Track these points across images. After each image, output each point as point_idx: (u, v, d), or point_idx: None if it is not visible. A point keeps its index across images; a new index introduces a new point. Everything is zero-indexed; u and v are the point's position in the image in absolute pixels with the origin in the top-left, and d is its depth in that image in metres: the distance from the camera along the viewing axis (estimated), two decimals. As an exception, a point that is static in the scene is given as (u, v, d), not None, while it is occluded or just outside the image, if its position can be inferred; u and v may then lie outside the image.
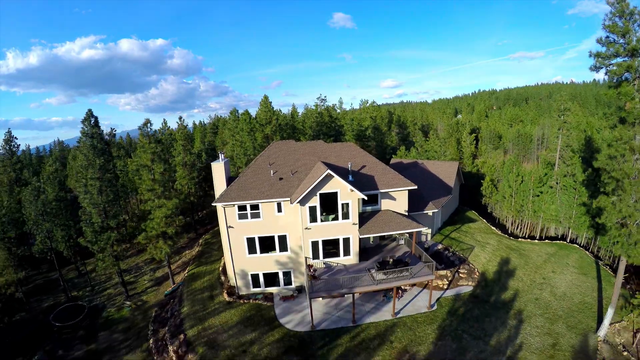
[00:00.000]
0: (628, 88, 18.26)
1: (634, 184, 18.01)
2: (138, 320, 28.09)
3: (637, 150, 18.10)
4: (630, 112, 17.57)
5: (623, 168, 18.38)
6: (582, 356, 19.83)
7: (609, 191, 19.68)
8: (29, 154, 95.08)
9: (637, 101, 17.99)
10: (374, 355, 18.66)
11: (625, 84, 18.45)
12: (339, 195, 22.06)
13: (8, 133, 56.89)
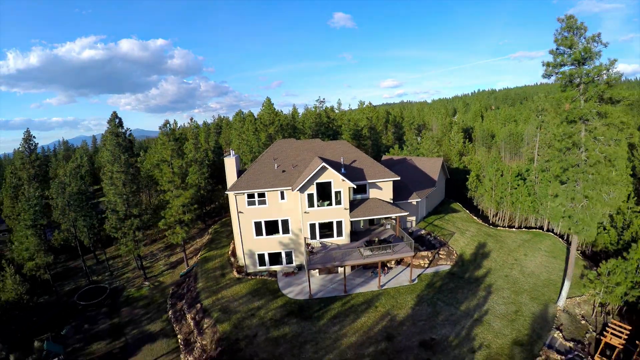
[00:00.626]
0: (572, 92, 21.99)
1: (578, 171, 21.71)
2: (157, 297, 31.88)
3: (580, 144, 21.82)
4: (570, 112, 21.26)
5: (568, 159, 22.09)
6: (541, 321, 23.43)
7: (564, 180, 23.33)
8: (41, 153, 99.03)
9: (577, 103, 21.70)
10: (361, 317, 22.38)
11: (569, 89, 22.17)
12: (332, 185, 25.83)
13: (27, 132, 60.81)
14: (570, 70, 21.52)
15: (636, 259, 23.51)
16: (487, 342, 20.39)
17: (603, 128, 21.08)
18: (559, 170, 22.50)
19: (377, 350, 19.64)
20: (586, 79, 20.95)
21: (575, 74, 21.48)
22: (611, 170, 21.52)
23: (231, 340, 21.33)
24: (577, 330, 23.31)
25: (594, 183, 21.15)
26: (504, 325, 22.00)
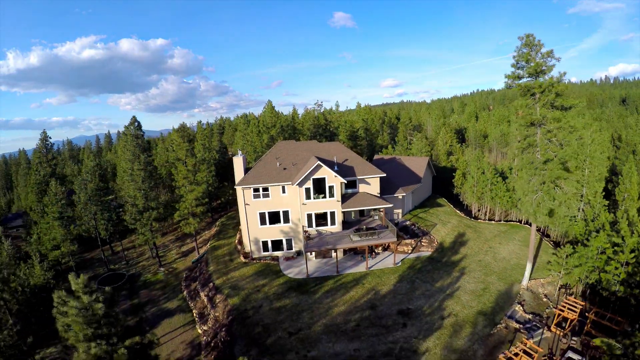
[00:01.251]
0: (528, 100, 26.01)
1: (532, 167, 25.73)
2: (172, 281, 35.96)
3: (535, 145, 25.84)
4: (524, 117, 25.29)
5: (525, 158, 26.12)
6: (505, 297, 27.43)
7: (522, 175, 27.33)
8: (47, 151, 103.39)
9: (532, 109, 25.68)
10: (350, 291, 26.45)
11: (525, 97, 26.19)
12: (326, 180, 29.89)
13: (43, 133, 65.02)
14: (526, 82, 25.56)
15: (595, 246, 27.45)
16: (455, 312, 24.41)
17: (555, 131, 25.10)
18: (519, 167, 26.57)
19: (362, 317, 23.69)
20: (538, 89, 24.97)
21: (530, 86, 25.52)
22: (560, 167, 25.45)
23: (240, 310, 25.39)
24: (538, 306, 27.31)
25: (545, 178, 25.18)
26: (472, 299, 26.03)
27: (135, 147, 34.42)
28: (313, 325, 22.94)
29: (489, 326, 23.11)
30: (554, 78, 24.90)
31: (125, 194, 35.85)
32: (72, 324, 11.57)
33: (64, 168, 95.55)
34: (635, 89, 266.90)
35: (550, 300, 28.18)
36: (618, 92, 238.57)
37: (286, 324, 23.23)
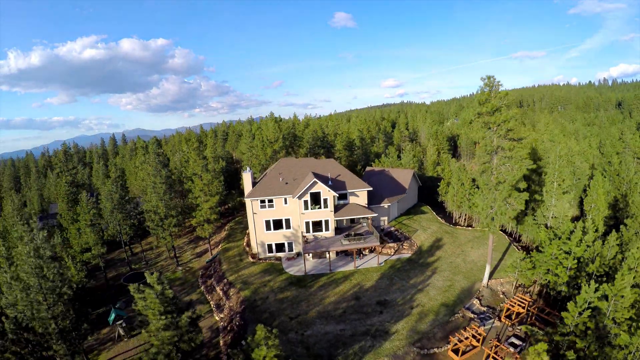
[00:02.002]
0: (486, 133, 32.21)
1: (488, 187, 31.96)
2: (189, 278, 42.31)
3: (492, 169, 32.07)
4: (482, 147, 31.54)
5: (482, 179, 32.38)
6: (467, 292, 33.60)
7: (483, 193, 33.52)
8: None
9: (490, 140, 31.86)
10: (340, 285, 32.80)
11: (484, 130, 32.38)
12: (321, 194, 36.24)
13: (64, 145, 71.64)
14: (486, 118, 31.78)
15: (549, 252, 33.53)
16: (423, 303, 30.69)
17: (506, 159, 31.32)
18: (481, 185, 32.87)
19: (348, 306, 30.03)
20: (494, 125, 31.23)
21: (488, 121, 31.78)
22: (511, 188, 31.60)
23: (250, 301, 31.76)
24: (494, 301, 33.46)
25: (497, 197, 31.42)
26: (438, 294, 32.31)
27: (157, 164, 40.76)
28: (309, 312, 29.29)
29: (448, 315, 29.38)
30: (508, 115, 31.25)
31: (148, 204, 42.05)
32: (150, 305, 17.85)
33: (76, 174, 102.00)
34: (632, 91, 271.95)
35: (507, 297, 34.28)
36: (614, 95, 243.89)
37: (288, 311, 29.59)
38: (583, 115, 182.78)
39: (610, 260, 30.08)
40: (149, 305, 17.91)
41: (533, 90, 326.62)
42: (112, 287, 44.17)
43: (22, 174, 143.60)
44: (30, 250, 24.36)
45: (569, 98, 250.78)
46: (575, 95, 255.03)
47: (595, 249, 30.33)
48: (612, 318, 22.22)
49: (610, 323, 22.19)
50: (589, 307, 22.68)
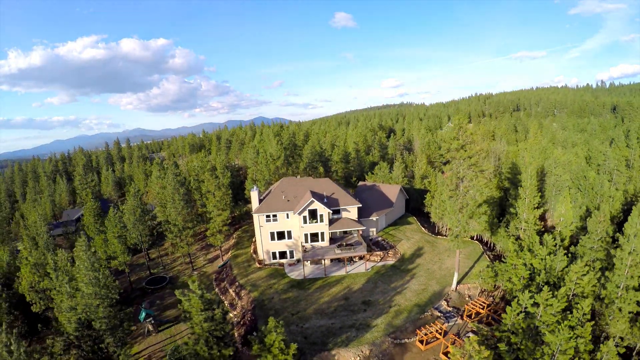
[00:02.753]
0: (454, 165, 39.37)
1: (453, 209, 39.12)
2: (204, 281, 49.55)
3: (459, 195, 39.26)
4: (450, 176, 38.74)
5: (450, 202, 39.55)
6: (437, 295, 40.59)
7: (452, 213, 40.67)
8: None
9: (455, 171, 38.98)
10: (332, 288, 40.13)
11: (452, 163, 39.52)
12: (318, 210, 43.55)
13: (86, 163, 78.87)
14: (454, 153, 38.87)
15: (510, 263, 40.55)
16: (399, 304, 37.93)
17: (469, 187, 38.51)
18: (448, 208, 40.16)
19: (339, 304, 37.34)
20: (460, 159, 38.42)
21: (455, 156, 38.91)
22: (473, 212, 38.64)
23: (259, 300, 39.07)
24: (460, 303, 40.48)
25: (461, 218, 38.55)
26: (413, 296, 39.54)
27: (175, 183, 48.03)
28: (307, 309, 36.62)
29: (419, 313, 36.61)
30: (473, 151, 38.45)
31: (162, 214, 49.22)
32: (193, 304, 25.06)
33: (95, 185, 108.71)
34: (628, 95, 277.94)
35: (472, 300, 41.51)
36: (610, 99, 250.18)
37: (290, 309, 36.91)
38: (576, 120, 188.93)
39: (559, 272, 36.88)
40: (192, 304, 25.12)
41: (530, 93, 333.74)
42: (135, 290, 51.48)
43: (30, 179, 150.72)
44: (89, 265, 31.66)
45: (565, 102, 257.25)
46: (571, 99, 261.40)
47: (546, 262, 37.30)
48: (542, 321, 29.25)
49: (540, 324, 29.25)
50: (523, 311, 29.80)
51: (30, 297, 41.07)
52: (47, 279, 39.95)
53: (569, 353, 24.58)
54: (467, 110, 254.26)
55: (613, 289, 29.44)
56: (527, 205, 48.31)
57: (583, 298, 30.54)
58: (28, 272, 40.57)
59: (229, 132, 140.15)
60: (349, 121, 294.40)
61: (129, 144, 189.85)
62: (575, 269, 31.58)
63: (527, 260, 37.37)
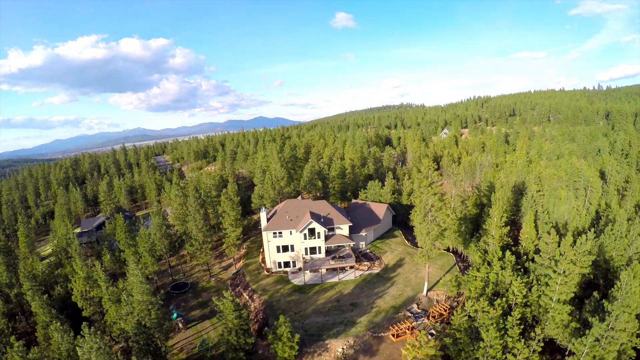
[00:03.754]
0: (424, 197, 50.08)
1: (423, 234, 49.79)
2: (221, 286, 60.38)
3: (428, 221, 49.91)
4: (420, 207, 49.37)
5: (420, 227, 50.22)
6: (411, 299, 51.32)
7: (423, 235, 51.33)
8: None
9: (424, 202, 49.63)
10: (327, 292, 50.97)
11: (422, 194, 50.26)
12: (316, 229, 54.37)
13: (108, 185, 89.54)
14: (424, 189, 49.46)
15: (471, 274, 51.05)
16: (379, 306, 48.68)
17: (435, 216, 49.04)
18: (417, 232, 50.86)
19: (332, 305, 48.16)
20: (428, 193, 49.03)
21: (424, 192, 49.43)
22: (437, 235, 49.09)
23: (269, 302, 49.89)
24: (428, 306, 50.85)
25: (428, 240, 49.10)
26: (391, 299, 50.30)
27: (197, 205, 58.82)
28: (307, 309, 47.46)
29: (394, 313, 47.37)
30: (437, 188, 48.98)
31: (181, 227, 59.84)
32: (227, 306, 35.78)
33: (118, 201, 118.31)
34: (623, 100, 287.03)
35: (439, 304, 52.18)
36: (604, 105, 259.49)
37: (293, 309, 47.74)
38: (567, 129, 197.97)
39: (507, 284, 47.21)
40: (226, 307, 35.79)
41: (527, 96, 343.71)
42: (161, 295, 62.28)
43: (41, 185, 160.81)
44: (142, 278, 42.37)
45: (560, 107, 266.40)
46: (566, 104, 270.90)
47: (498, 276, 47.69)
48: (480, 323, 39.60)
49: (479, 325, 39.68)
50: (467, 315, 40.32)
51: (82, 304, 51.53)
52: (96, 289, 50.50)
53: (496, 348, 34.97)
54: (463, 115, 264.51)
55: (547, 301, 39.67)
56: (495, 223, 58.31)
57: (525, 307, 41.23)
58: (80, 284, 51.09)
59: (233, 143, 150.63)
60: (349, 125, 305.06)
61: (135, 151, 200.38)
62: (516, 284, 42.13)
63: (484, 273, 47.93)
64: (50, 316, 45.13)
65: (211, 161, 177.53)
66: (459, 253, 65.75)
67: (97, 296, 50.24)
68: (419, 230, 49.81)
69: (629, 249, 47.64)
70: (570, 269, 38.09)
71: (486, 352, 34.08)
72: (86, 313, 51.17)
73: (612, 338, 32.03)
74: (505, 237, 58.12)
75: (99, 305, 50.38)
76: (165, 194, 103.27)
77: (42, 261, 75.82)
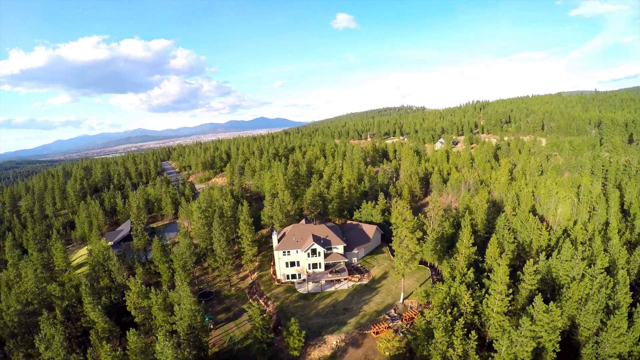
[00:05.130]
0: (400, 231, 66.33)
1: (398, 258, 65.97)
2: (240, 294, 76.78)
3: (402, 246, 66.11)
4: (397, 238, 65.64)
5: (397, 252, 66.47)
6: (390, 305, 67.46)
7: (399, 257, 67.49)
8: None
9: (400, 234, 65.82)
10: (326, 299, 67.35)
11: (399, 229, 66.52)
12: (317, 249, 70.76)
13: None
14: (400, 222, 65.70)
15: (438, 288, 67.11)
16: (365, 310, 64.98)
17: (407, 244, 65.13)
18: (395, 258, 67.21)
19: (329, 310, 64.52)
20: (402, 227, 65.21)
21: (399, 225, 65.69)
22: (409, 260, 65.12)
23: (280, 307, 66.29)
24: (403, 311, 67.45)
25: (402, 262, 65.15)
26: (374, 305, 66.57)
27: (220, 230, 75.10)
28: (310, 312, 63.84)
29: (376, 316, 63.64)
30: (416, 223, 65.22)
31: (214, 251, 76.26)
32: (254, 311, 51.97)
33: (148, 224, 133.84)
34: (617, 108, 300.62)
35: (411, 310, 68.45)
36: (596, 114, 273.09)
37: (299, 312, 64.10)
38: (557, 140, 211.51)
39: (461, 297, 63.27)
40: (254, 312, 52.00)
41: (525, 101, 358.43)
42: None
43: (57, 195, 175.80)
44: (189, 291, 58.59)
45: (555, 114, 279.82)
46: (560, 112, 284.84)
47: (456, 289, 63.76)
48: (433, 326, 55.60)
49: (432, 327, 55.68)
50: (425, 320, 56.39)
51: (135, 313, 67.50)
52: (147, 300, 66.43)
53: (443, 344, 50.51)
54: (460, 123, 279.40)
55: (490, 311, 55.57)
56: (464, 244, 74.06)
57: (474, 315, 57.22)
58: (135, 297, 67.09)
59: (240, 158, 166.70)
60: (349, 130, 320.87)
61: (144, 160, 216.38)
62: (466, 297, 58.17)
63: (446, 287, 64.05)
64: (109, 323, 61.36)
65: (218, 172, 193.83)
66: (435, 267, 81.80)
67: (147, 305, 66.41)
68: (396, 253, 66.01)
69: (572, 271, 62.10)
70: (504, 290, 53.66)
71: (436, 347, 50.16)
72: (138, 320, 67.02)
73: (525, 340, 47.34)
74: (474, 255, 73.17)
75: (149, 312, 66.42)
76: (182, 210, 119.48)
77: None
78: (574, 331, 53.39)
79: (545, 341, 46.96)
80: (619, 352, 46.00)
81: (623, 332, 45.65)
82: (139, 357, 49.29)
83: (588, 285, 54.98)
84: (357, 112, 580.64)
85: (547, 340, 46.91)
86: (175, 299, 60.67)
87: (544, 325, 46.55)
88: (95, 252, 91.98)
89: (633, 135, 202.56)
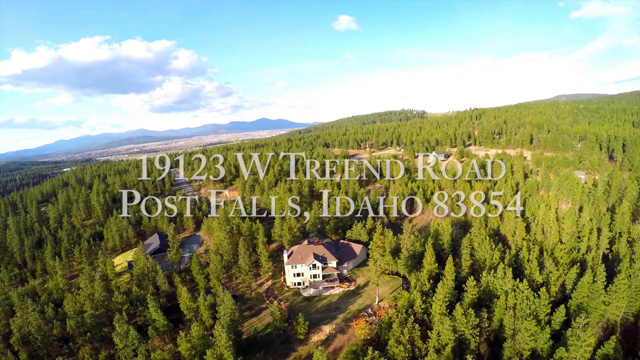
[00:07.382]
0: (375, 251, 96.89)
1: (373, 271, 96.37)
2: (259, 297, 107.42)
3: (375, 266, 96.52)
4: (371, 258, 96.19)
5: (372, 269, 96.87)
6: (368, 306, 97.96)
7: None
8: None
9: (372, 256, 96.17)
10: (323, 301, 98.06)
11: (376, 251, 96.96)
12: (317, 264, 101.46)
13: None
14: (374, 246, 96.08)
15: (405, 295, 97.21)
16: (350, 308, 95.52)
17: (378, 263, 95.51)
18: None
19: (325, 308, 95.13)
20: (376, 251, 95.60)
21: (374, 248, 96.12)
22: (380, 273, 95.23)
23: (290, 306, 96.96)
24: (378, 310, 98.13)
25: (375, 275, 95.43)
26: (357, 306, 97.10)
27: (245, 248, 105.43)
28: (311, 310, 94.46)
29: (358, 314, 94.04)
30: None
31: (239, 264, 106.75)
32: (275, 309, 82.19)
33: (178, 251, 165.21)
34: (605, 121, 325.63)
35: (383, 309, 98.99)
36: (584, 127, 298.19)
37: (304, 310, 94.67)
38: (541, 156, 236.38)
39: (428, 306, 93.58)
40: (274, 309, 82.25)
41: (519, 109, 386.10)
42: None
43: (82, 208, 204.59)
44: (230, 297, 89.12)
45: (545, 125, 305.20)
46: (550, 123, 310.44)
47: (411, 297, 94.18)
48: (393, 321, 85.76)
49: (392, 322, 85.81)
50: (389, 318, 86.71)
51: (186, 312, 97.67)
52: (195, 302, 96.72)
53: (397, 331, 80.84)
54: (453, 135, 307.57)
55: (435, 313, 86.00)
56: (427, 261, 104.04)
57: (425, 314, 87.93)
58: (187, 300, 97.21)
59: (251, 178, 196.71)
60: (349, 140, 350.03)
61: (156, 169, 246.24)
62: (418, 302, 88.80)
63: (407, 294, 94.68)
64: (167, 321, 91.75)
65: (228, 185, 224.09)
66: (406, 278, 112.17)
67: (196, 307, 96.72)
68: (371, 269, 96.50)
69: (505, 285, 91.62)
70: (442, 298, 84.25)
71: (394, 334, 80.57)
72: (188, 316, 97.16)
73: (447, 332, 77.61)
74: (435, 270, 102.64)
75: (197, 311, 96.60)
76: (204, 226, 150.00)
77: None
78: (502, 329, 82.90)
79: (467, 335, 77.09)
80: (531, 347, 73.65)
81: (533, 332, 73.59)
82: (200, 341, 79.75)
83: (513, 298, 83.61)
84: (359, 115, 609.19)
85: (469, 335, 76.98)
86: (218, 301, 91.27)
87: (464, 324, 76.82)
88: (139, 265, 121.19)
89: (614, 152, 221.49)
